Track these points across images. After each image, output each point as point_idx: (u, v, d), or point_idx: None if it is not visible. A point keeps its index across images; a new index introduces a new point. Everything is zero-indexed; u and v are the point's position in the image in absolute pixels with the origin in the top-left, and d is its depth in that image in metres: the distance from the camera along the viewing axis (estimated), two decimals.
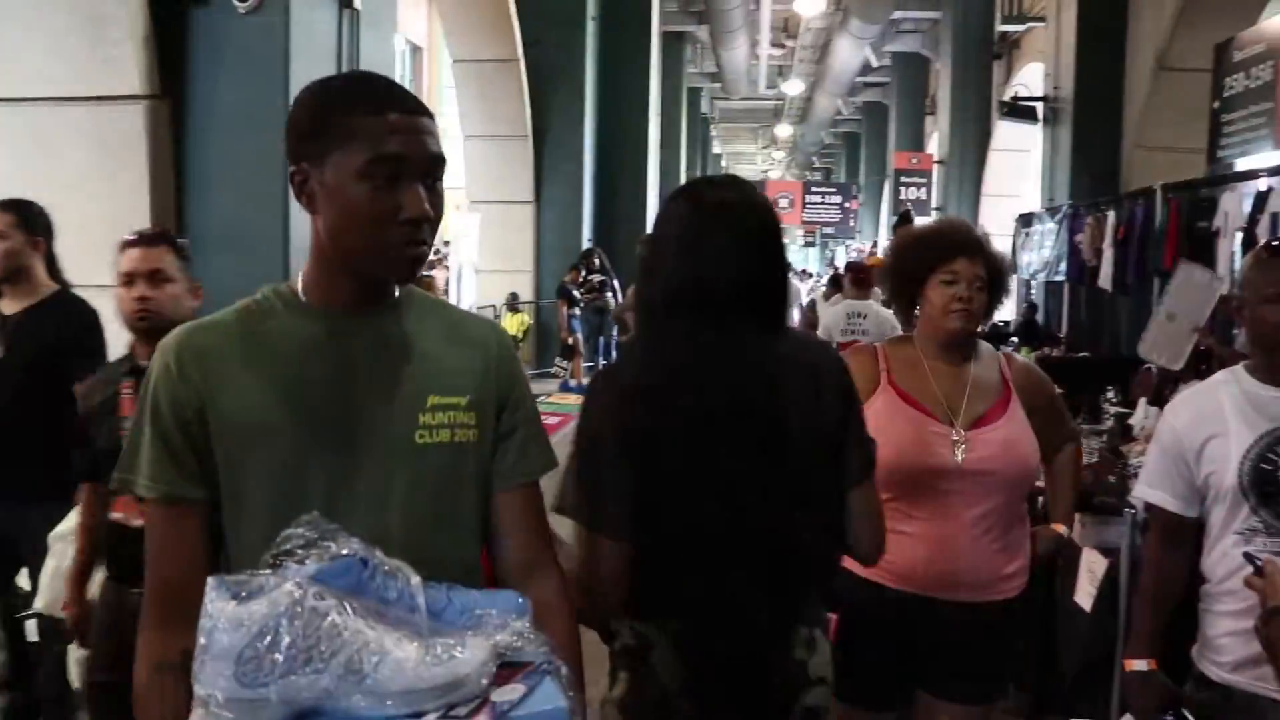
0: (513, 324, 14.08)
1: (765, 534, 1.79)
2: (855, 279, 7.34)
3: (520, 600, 1.24)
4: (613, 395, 1.87)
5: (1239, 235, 6.81)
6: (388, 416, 1.43)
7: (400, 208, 1.37)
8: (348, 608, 1.07)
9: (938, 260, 2.46)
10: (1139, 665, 2.34)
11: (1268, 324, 2.12)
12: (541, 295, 14.54)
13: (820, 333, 7.08)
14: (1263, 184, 6.77)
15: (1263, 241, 6.31)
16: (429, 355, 1.49)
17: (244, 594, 1.07)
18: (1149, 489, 2.33)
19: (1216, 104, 9.07)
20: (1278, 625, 1.54)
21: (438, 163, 1.42)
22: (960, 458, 2.36)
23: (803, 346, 1.96)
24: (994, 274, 2.48)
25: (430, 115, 1.44)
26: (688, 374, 1.81)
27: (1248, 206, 6.76)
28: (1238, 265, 6.90)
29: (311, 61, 5.73)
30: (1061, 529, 2.74)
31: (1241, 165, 8.47)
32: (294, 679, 1.03)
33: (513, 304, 14.09)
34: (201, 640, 1.06)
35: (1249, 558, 1.95)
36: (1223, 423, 2.17)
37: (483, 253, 12.37)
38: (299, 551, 1.13)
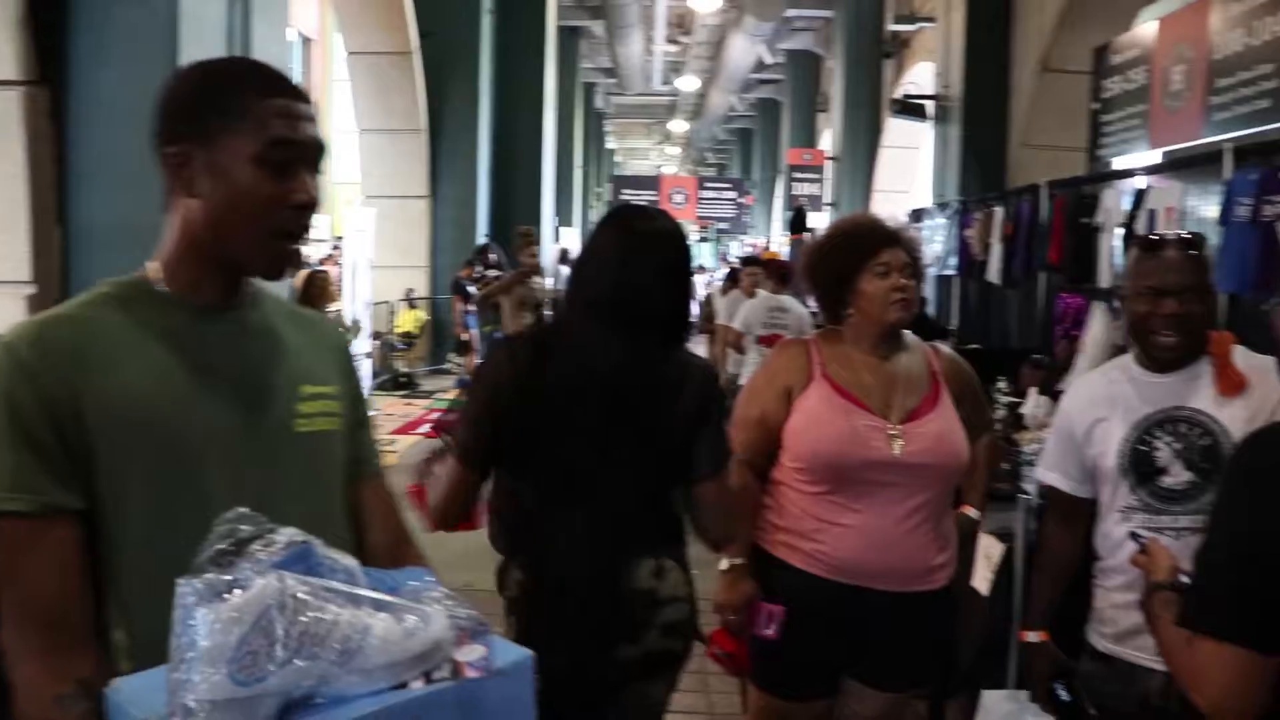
0: (408, 320, 13.89)
1: (613, 496, 2.14)
2: (777, 274, 7.52)
3: (430, 575, 1.24)
4: (520, 361, 2.21)
5: (1119, 231, 7.05)
6: (269, 406, 1.42)
7: (291, 193, 1.36)
8: (321, 592, 1.06)
9: (868, 253, 2.46)
10: (1032, 636, 2.48)
11: (1138, 315, 2.25)
12: (437, 291, 14.39)
13: (739, 325, 7.23)
14: (1141, 182, 7.03)
15: (1136, 237, 6.55)
16: (292, 347, 1.48)
17: (220, 593, 1.03)
18: (1045, 470, 2.49)
19: (1096, 105, 9.38)
20: (1158, 600, 1.60)
21: (322, 150, 1.43)
22: (898, 451, 2.37)
23: (683, 361, 2.27)
24: (915, 260, 2.51)
25: (311, 101, 1.44)
26: (587, 366, 2.15)
27: (1127, 204, 7.01)
28: (1118, 260, 7.16)
29: (200, 51, 5.56)
30: (973, 511, 2.79)
31: (1119, 164, 8.77)
32: (294, 667, 1.01)
33: (409, 300, 13.91)
34: (181, 647, 1.02)
35: (1134, 537, 2.05)
36: (1109, 407, 2.30)
37: (378, 248, 12.16)
38: (245, 545, 1.10)
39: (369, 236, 11.38)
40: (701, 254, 33.78)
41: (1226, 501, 1.47)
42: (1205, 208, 6.31)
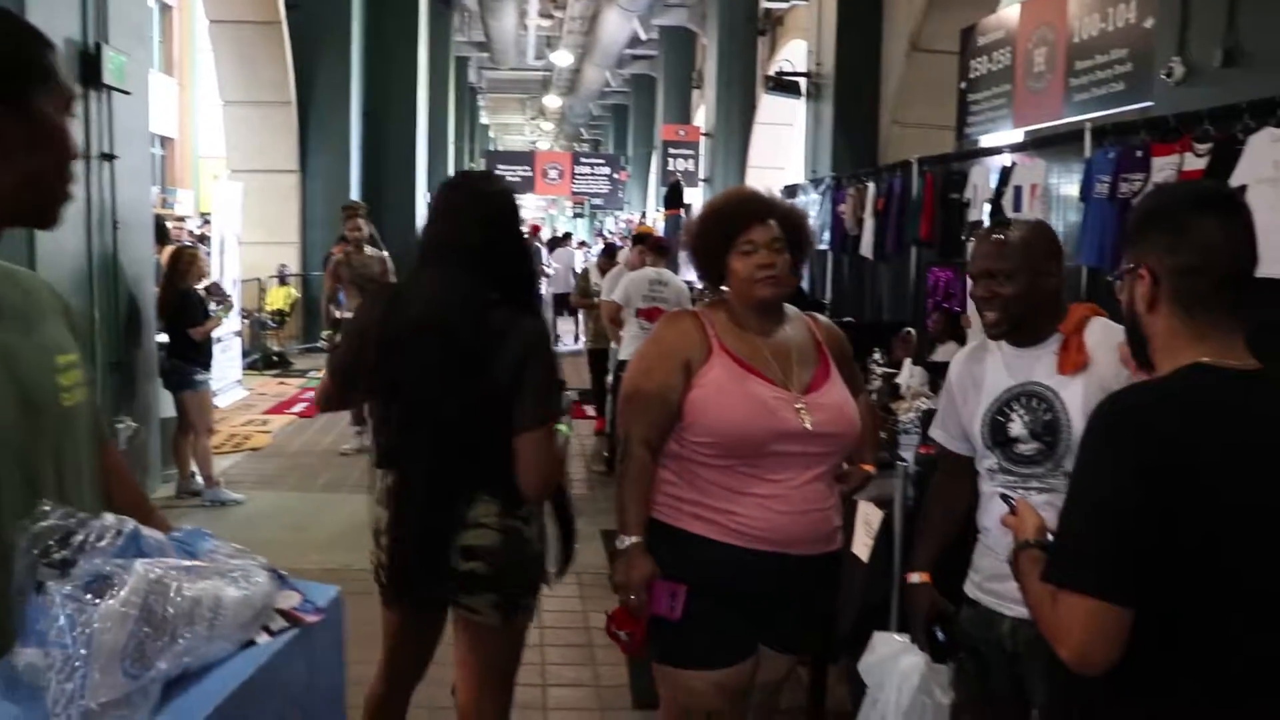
0: (279, 297, 13.54)
1: (445, 429, 2.49)
2: (654, 248, 7.59)
3: (208, 533, 1.27)
4: (376, 309, 2.65)
5: (987, 206, 7.28)
6: (40, 386, 1.35)
7: (75, 144, 1.39)
8: (173, 572, 1.09)
9: (734, 232, 2.47)
10: (914, 578, 2.60)
11: (971, 296, 2.45)
12: (309, 268, 14.05)
13: (618, 298, 7.30)
14: (1006, 159, 7.26)
15: (1010, 213, 6.77)
16: (32, 314, 1.40)
17: (90, 594, 1.02)
18: (934, 428, 2.65)
19: (963, 84, 9.64)
20: (1025, 558, 1.66)
21: None
22: (808, 423, 2.40)
23: (515, 316, 2.52)
24: (791, 231, 2.52)
25: None
26: (421, 309, 2.51)
27: (994, 180, 7.23)
28: None
29: (50, 17, 5.31)
30: (871, 469, 2.81)
31: (986, 142, 9.04)
32: (175, 648, 1.04)
33: (281, 276, 13.54)
34: (67, 655, 0.99)
35: (1004, 498, 2.18)
36: (978, 378, 2.46)
37: (246, 224, 11.81)
38: (68, 541, 1.08)
39: (236, 211, 11.05)
40: (576, 229, 33.75)
41: (1086, 464, 1.53)
42: (1067, 185, 6.54)
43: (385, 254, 8.25)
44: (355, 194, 14.70)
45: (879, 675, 2.66)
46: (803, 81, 13.50)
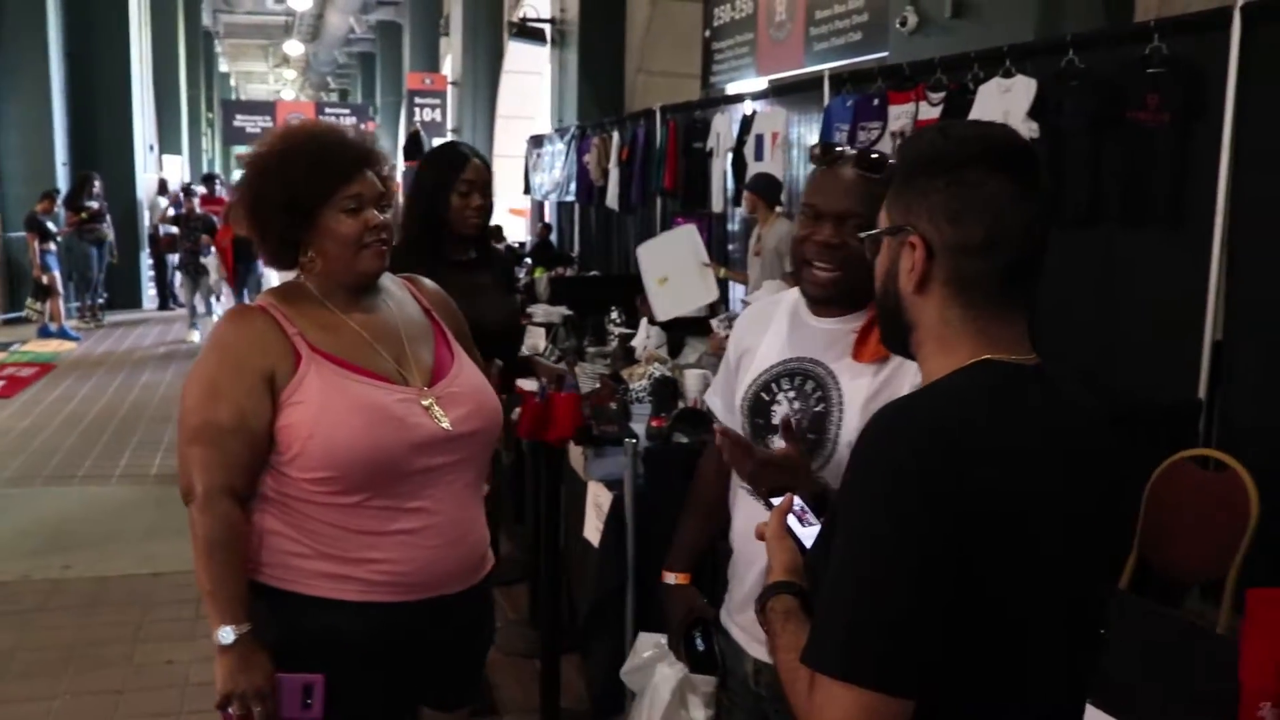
0: None
1: None
2: None
3: None
4: None
5: (729, 155, 7.13)
6: None
7: None
8: None
9: (337, 183, 1.88)
10: (671, 578, 2.11)
11: (795, 238, 1.86)
12: (7, 227, 12.65)
13: None
14: (748, 108, 7.12)
15: (751, 161, 6.61)
16: None
17: None
18: (711, 393, 2.11)
19: (708, 32, 9.48)
20: (776, 607, 1.25)
21: None
22: (446, 423, 1.90)
23: None
24: (387, 184, 1.98)
25: None
26: None
27: (737, 128, 7.09)
28: (730, 184, 7.23)
29: None
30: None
31: (732, 90, 8.92)
32: None
33: None
34: None
35: (767, 499, 1.57)
36: (758, 341, 1.94)
37: None
38: None
39: None
40: None
41: (858, 509, 1.12)
42: (807, 133, 6.45)
43: None
44: (61, 147, 13.37)
45: (639, 683, 2.29)
46: (547, 28, 13.07)
